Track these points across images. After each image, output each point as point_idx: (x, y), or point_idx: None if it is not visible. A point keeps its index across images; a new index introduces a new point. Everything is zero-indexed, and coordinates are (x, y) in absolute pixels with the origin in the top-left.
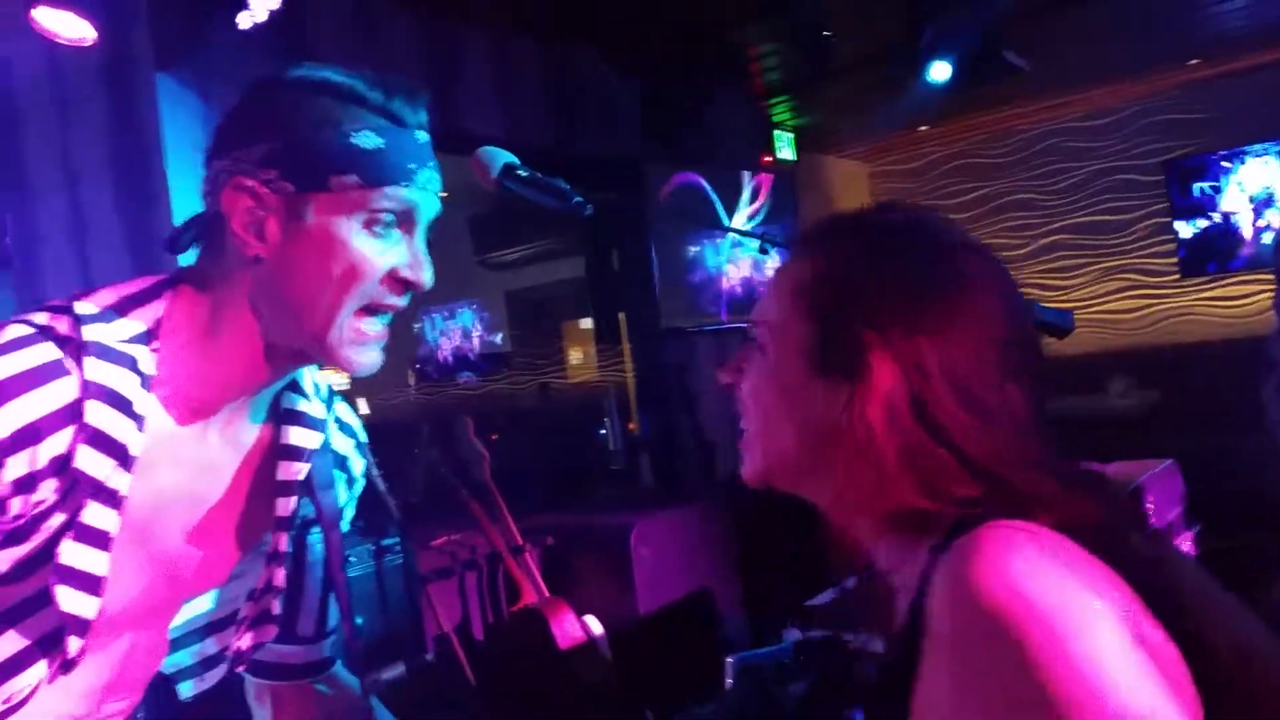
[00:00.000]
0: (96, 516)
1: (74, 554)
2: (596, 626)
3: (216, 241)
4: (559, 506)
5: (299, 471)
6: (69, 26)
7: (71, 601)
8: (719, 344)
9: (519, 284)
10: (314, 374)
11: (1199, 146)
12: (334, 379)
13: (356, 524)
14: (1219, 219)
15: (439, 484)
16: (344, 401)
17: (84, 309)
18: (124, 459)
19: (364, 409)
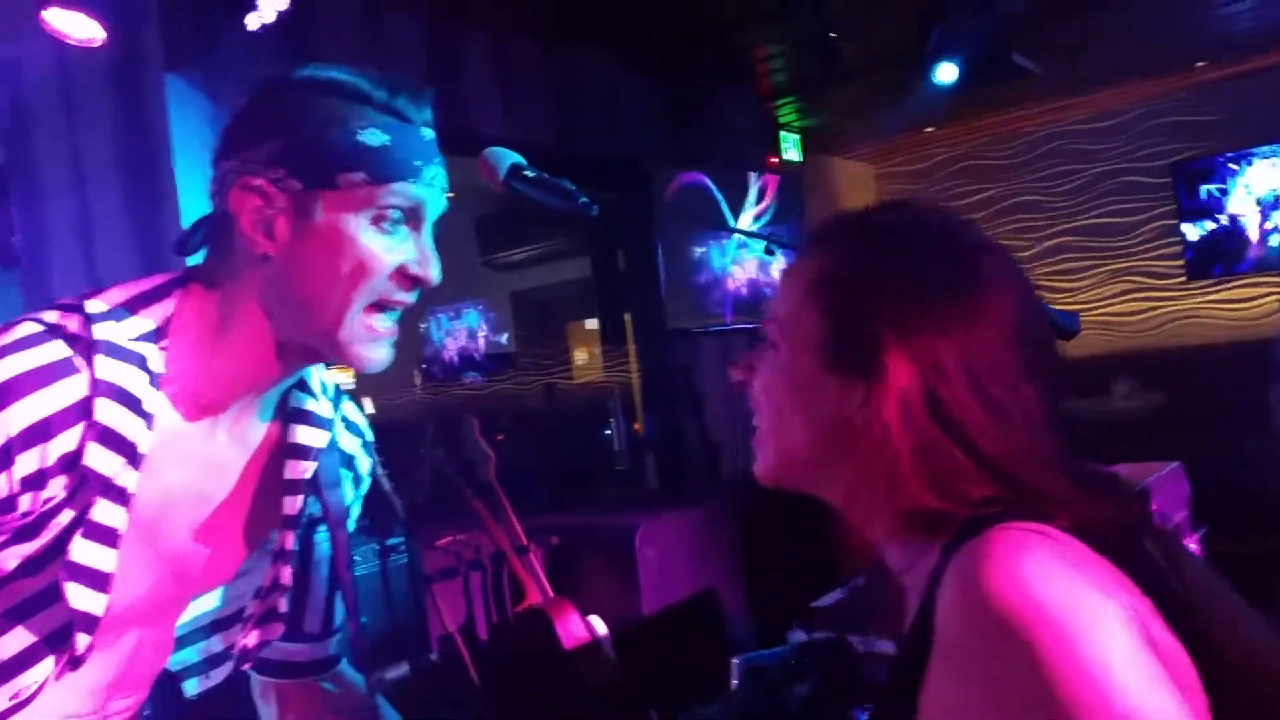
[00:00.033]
0: (105, 514)
1: (83, 551)
2: (601, 627)
3: (225, 241)
4: (564, 507)
5: (306, 470)
6: (79, 27)
7: (80, 598)
8: (724, 345)
9: (524, 284)
10: (321, 373)
11: (1206, 149)
12: (340, 378)
13: (362, 523)
14: (1226, 221)
15: (444, 484)
16: (350, 401)
17: (94, 307)
18: (133, 457)
19: (369, 409)
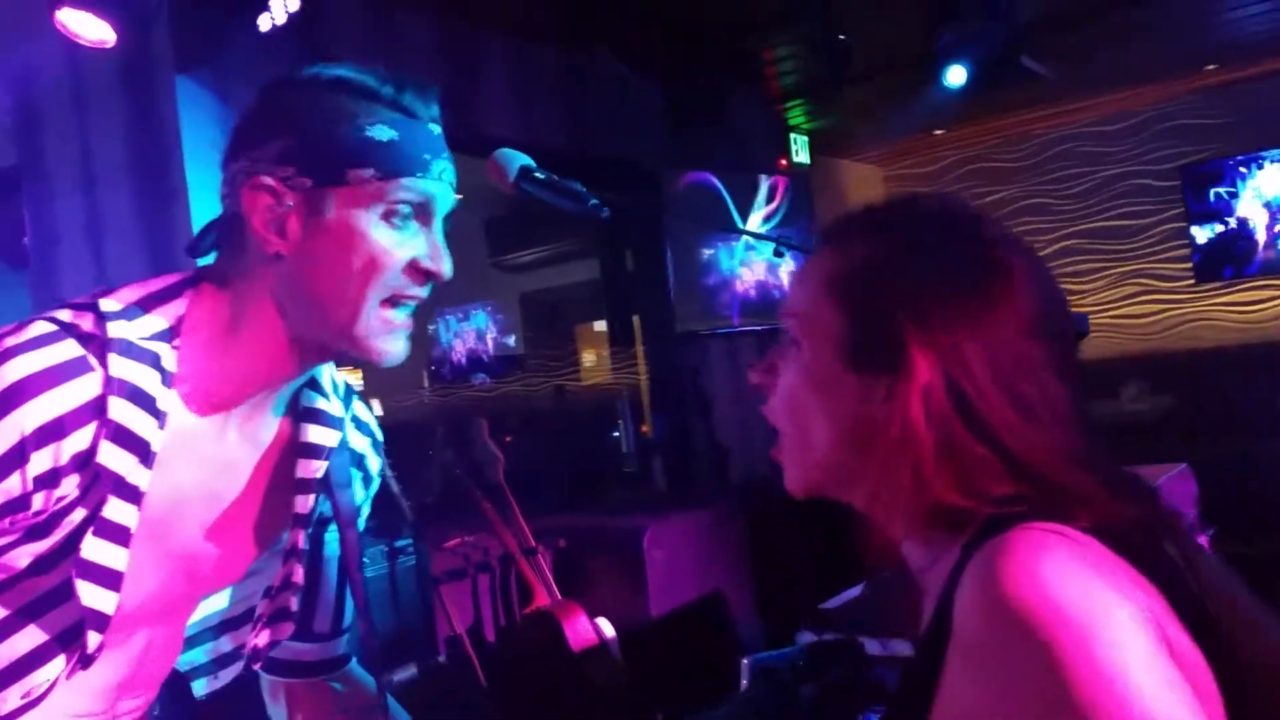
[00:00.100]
0: (117, 512)
1: (95, 549)
2: (608, 629)
3: (237, 241)
4: (572, 509)
5: (318, 469)
6: (90, 29)
7: (92, 596)
8: (732, 347)
9: (533, 286)
10: (332, 372)
11: (1215, 151)
12: (349, 379)
13: (370, 524)
14: (1235, 224)
15: (453, 485)
16: (360, 400)
17: (108, 306)
18: (145, 455)
19: (378, 410)
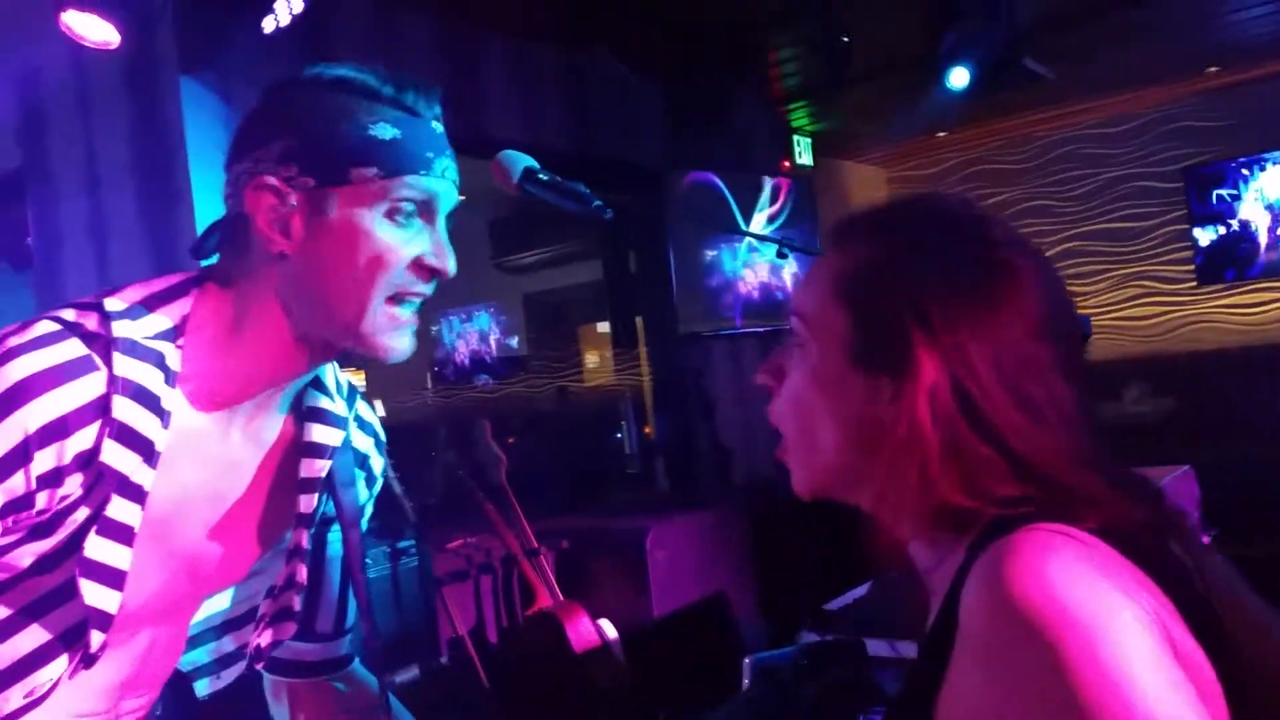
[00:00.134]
0: (121, 511)
1: (99, 548)
2: (611, 630)
3: (241, 241)
4: (575, 510)
5: (322, 468)
6: (95, 30)
7: (95, 595)
8: (735, 349)
9: (536, 287)
10: (336, 372)
11: (1217, 154)
12: (351, 380)
13: (373, 525)
14: (1237, 226)
15: (455, 486)
16: (364, 400)
17: (112, 305)
18: (149, 454)
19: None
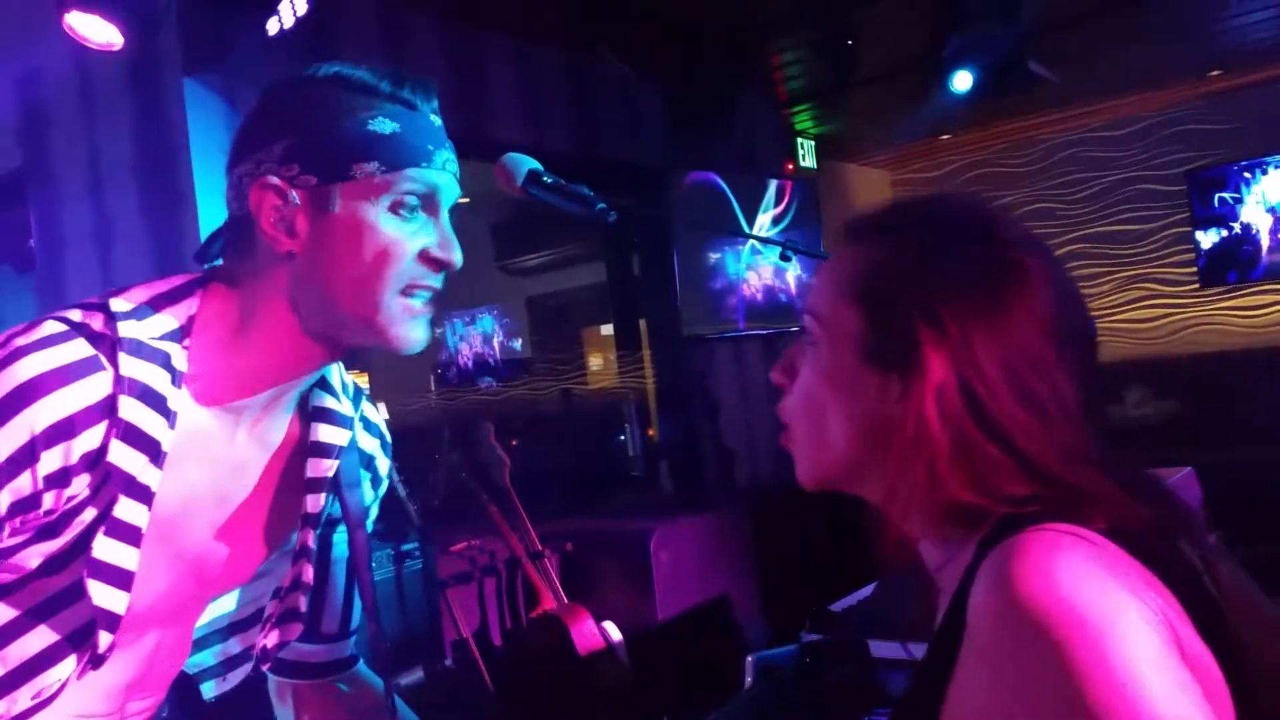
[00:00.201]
0: (128, 511)
1: (106, 548)
2: (615, 633)
3: (245, 243)
4: (579, 512)
5: (329, 468)
6: (98, 32)
7: (103, 596)
8: (739, 351)
9: (540, 290)
10: (341, 372)
11: (1220, 157)
12: (356, 382)
13: (377, 527)
14: (1239, 229)
15: (459, 489)
16: (369, 401)
17: (118, 306)
18: (156, 455)
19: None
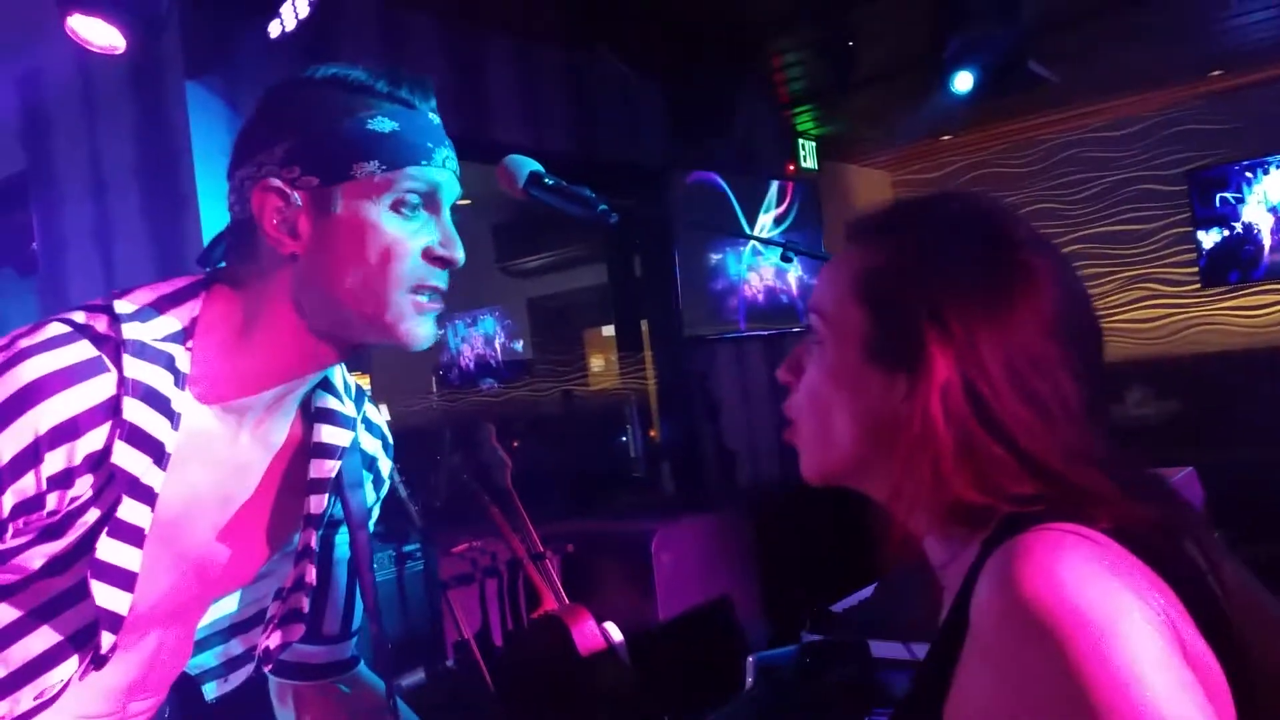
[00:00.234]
0: (132, 513)
1: (110, 550)
2: (616, 633)
3: (248, 246)
4: (580, 513)
5: (332, 469)
6: (100, 34)
7: (107, 597)
8: (740, 352)
9: (541, 291)
10: (344, 373)
11: (1221, 157)
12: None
13: (378, 529)
14: (1240, 229)
15: (461, 490)
16: (371, 402)
17: (122, 308)
18: (159, 456)
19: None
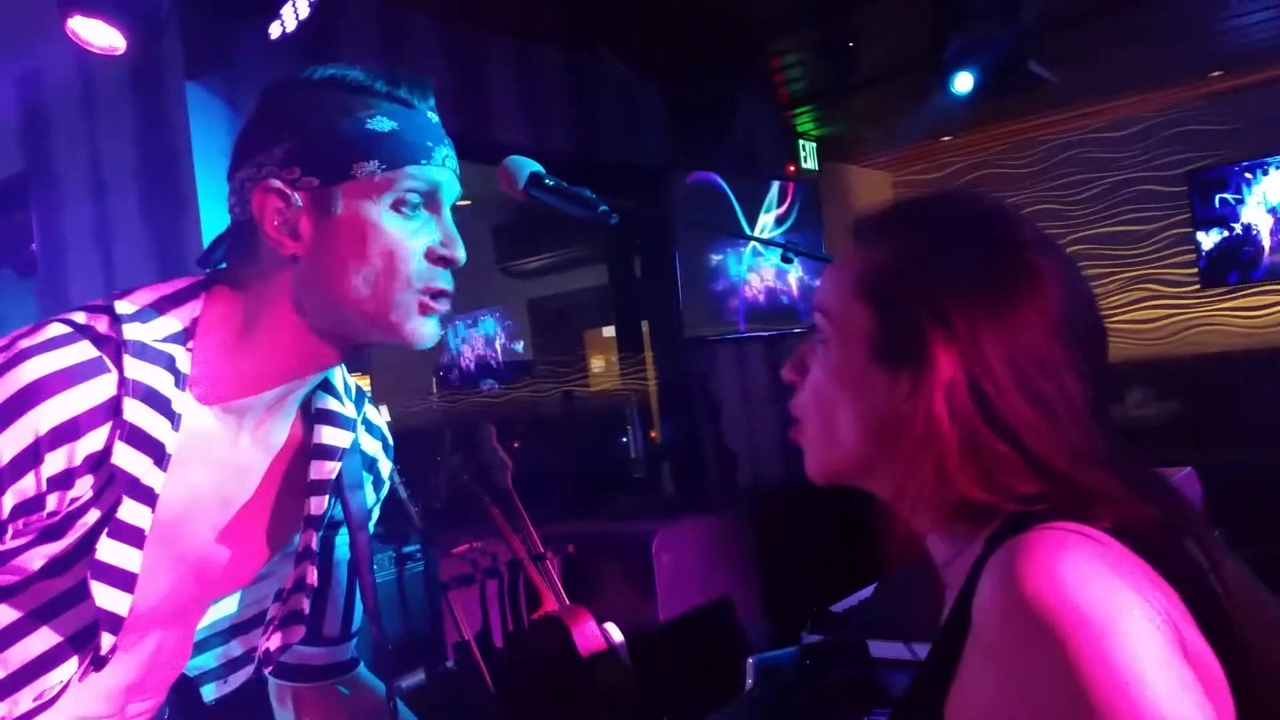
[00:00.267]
0: (132, 513)
1: (110, 550)
2: (617, 634)
3: (249, 247)
4: (580, 514)
5: (332, 471)
6: (100, 35)
7: (107, 598)
8: (740, 353)
9: (542, 292)
10: (344, 374)
11: (1220, 158)
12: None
13: (378, 530)
14: (1240, 230)
15: (461, 491)
16: (371, 403)
17: (123, 308)
18: (160, 457)
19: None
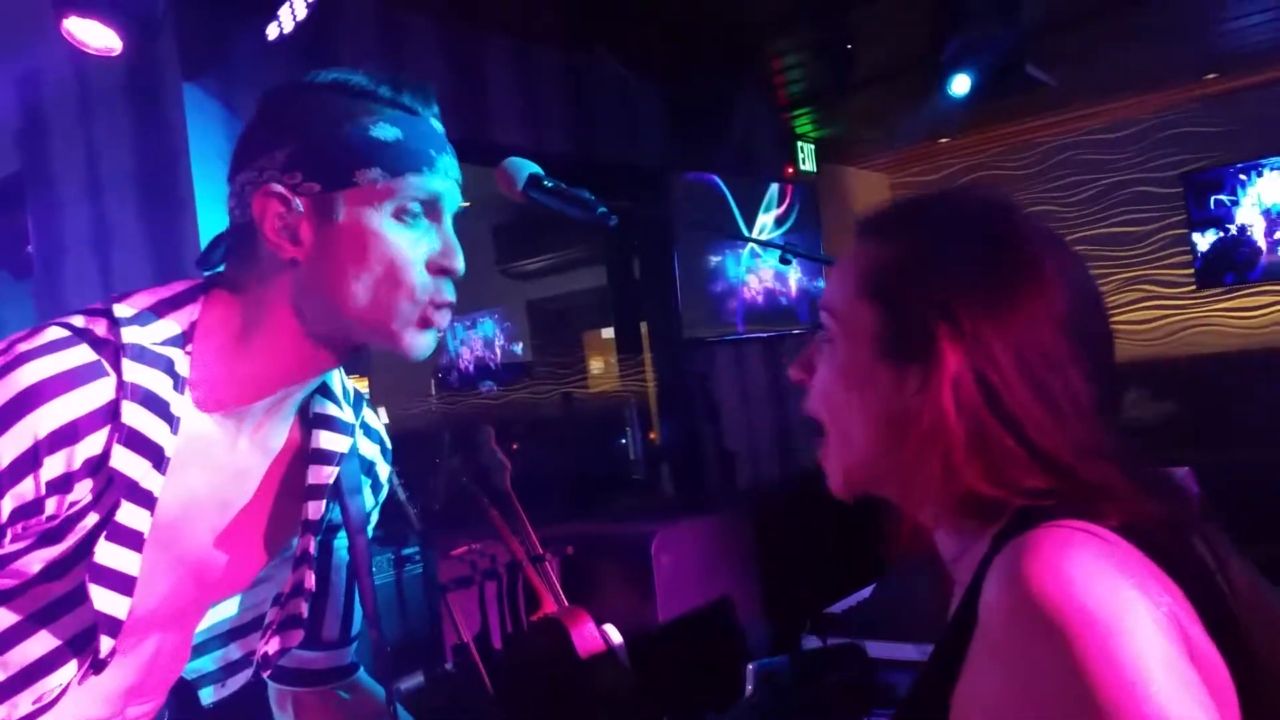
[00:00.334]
0: (130, 517)
1: (108, 554)
2: (616, 636)
3: (248, 250)
4: (580, 515)
5: (330, 475)
6: (97, 36)
7: (105, 601)
8: (739, 354)
9: (541, 293)
10: (342, 378)
11: (1216, 159)
12: (355, 387)
13: (377, 533)
14: (1235, 231)
15: (460, 493)
16: (369, 407)
17: (122, 311)
18: (159, 460)
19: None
